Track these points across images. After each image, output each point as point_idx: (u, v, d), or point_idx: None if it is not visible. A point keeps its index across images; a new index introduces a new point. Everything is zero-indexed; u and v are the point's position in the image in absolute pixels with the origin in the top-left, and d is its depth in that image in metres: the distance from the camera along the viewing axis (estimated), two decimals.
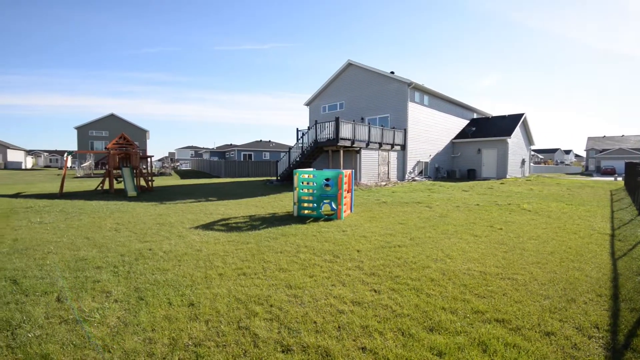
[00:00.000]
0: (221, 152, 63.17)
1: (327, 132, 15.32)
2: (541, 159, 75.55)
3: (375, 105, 21.14)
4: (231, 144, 64.00)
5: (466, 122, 26.84)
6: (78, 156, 39.83)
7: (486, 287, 3.75)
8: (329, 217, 7.80)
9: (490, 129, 24.89)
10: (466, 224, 7.35)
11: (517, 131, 24.64)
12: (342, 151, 15.54)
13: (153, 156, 18.43)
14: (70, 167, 36.70)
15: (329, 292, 3.61)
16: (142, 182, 16.59)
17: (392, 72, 20.29)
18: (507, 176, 22.97)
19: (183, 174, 32.63)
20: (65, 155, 15.04)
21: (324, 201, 7.93)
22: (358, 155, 16.20)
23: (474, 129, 25.21)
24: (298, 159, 16.70)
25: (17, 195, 12.87)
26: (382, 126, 17.91)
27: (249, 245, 5.48)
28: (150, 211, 9.05)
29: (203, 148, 76.53)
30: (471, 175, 23.49)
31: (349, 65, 22.53)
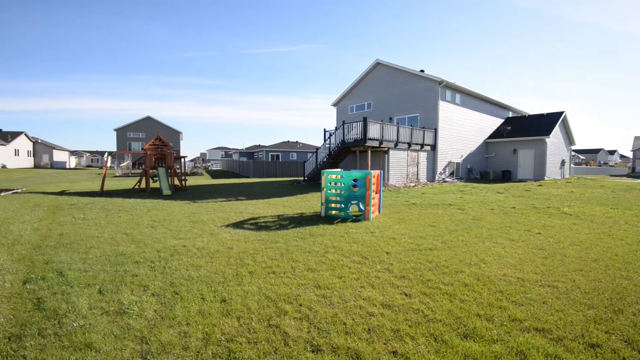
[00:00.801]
0: (250, 153, 64.62)
1: (354, 133, 15.24)
2: (582, 159, 70.97)
3: (404, 104, 20.77)
4: (259, 145, 65.29)
5: (501, 120, 25.73)
6: (117, 156, 42.12)
7: (524, 295, 3.57)
8: (356, 218, 7.75)
9: (527, 128, 23.71)
10: (501, 227, 7.03)
11: (557, 130, 23.30)
12: (369, 151, 15.39)
13: (186, 157, 19.17)
14: (110, 166, 38.93)
15: (358, 293, 3.58)
16: (176, 182, 17.28)
17: (422, 71, 19.85)
18: (545, 178, 21.77)
19: (214, 174, 33.69)
20: (106, 155, 15.97)
21: (352, 202, 7.89)
22: (386, 155, 15.98)
23: (509, 128, 24.12)
24: (325, 160, 16.74)
25: (62, 193, 13.83)
26: (411, 126, 17.55)
27: (277, 244, 5.55)
28: (184, 209, 9.40)
29: (232, 149, 78.62)
30: (506, 176, 22.48)
31: (377, 64, 22.29)
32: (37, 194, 13.16)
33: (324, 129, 17.66)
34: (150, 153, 15.28)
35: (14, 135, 47.84)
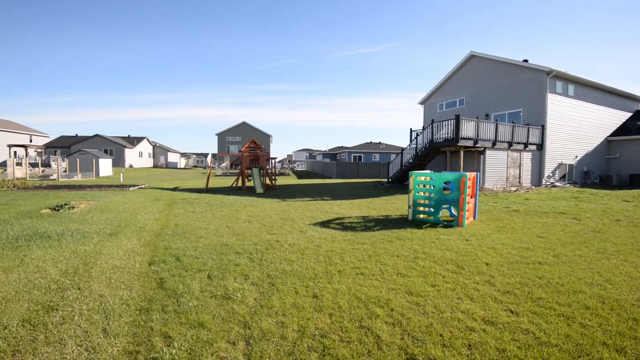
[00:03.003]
0: (333, 154, 66.09)
1: (445, 132, 14.28)
2: None
3: (504, 99, 18.66)
4: (342, 146, 66.30)
5: (629, 114, 21.18)
6: (218, 157, 47.41)
7: None
8: (448, 224, 7.23)
9: None
10: (632, 242, 5.77)
11: None
12: (462, 152, 14.24)
13: (276, 158, 20.55)
14: (212, 166, 44.11)
15: (454, 305, 3.32)
16: (268, 181, 18.63)
17: (525, 60, 17.58)
18: None
19: (299, 174, 35.38)
20: (210, 157, 18.09)
21: (443, 206, 7.39)
22: (482, 156, 14.58)
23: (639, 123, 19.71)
24: (411, 161, 16.08)
25: (175, 189, 16.13)
26: (512, 123, 15.66)
27: (364, 245, 5.51)
28: (275, 207, 10.06)
29: (316, 150, 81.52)
30: (635, 181, 18.39)
31: (471, 57, 20.52)
32: (156, 190, 15.61)
33: (410, 129, 16.98)
34: (246, 155, 16.79)
35: (139, 140, 58.05)
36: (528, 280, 3.98)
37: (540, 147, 16.68)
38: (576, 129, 18.33)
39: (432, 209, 7.51)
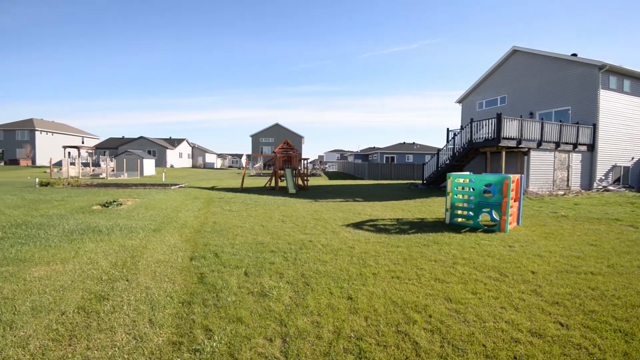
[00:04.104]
0: (364, 155, 65.50)
1: (485, 131, 13.65)
2: None
3: (550, 96, 17.52)
4: (374, 147, 65.51)
5: None
6: (251, 158, 48.67)
7: None
8: (488, 229, 6.89)
9: None
10: None
11: None
12: (504, 153, 13.54)
13: (308, 159, 20.71)
14: (247, 167, 45.35)
15: (498, 314, 3.15)
16: (300, 182, 18.83)
17: (574, 54, 16.39)
18: None
19: (330, 175, 35.42)
20: (244, 157, 18.60)
21: (483, 210, 7.06)
22: (526, 157, 13.78)
23: None
24: (448, 162, 15.55)
25: (212, 188, 16.74)
26: (560, 121, 14.66)
27: (399, 248, 5.39)
28: (307, 207, 10.14)
29: (348, 151, 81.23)
30: None
31: (514, 52, 19.48)
32: (195, 188, 16.29)
33: (447, 129, 16.45)
34: (280, 156, 17.09)
35: (179, 141, 61.11)
36: (579, 292, 3.70)
37: (592, 147, 15.48)
38: (633, 128, 16.81)
39: (471, 213, 7.20)
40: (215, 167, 68.89)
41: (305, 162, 20.92)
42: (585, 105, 15.82)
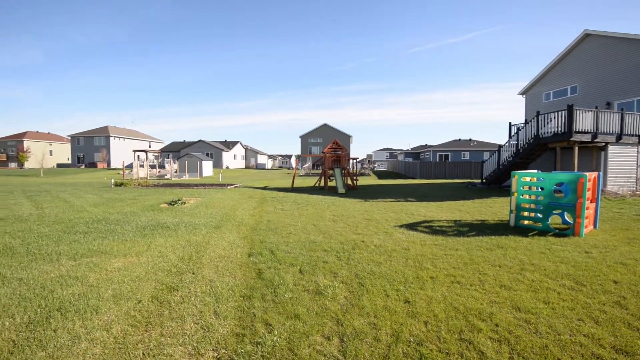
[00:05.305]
0: (416, 153, 63.38)
1: (553, 125, 12.40)
2: None
3: (631, 84, 15.39)
4: (426, 145, 63.08)
5: None
6: (301, 158, 49.67)
7: None
8: (560, 232, 6.25)
9: None
10: None
11: None
12: (576, 148, 12.18)
13: (357, 158, 20.57)
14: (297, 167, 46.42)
15: (575, 327, 2.84)
16: (349, 181, 18.79)
17: None
18: None
19: (379, 175, 34.82)
20: (294, 158, 19.04)
21: (554, 211, 6.41)
22: (602, 153, 12.28)
23: None
24: (510, 159, 14.41)
25: (265, 188, 17.36)
26: None
27: (458, 252, 5.11)
28: (358, 207, 10.06)
29: (398, 150, 79.17)
30: None
31: (586, 36, 17.46)
32: (249, 188, 17.03)
33: (509, 123, 15.22)
34: (329, 156, 17.20)
35: (233, 144, 64.52)
36: None
37: None
38: None
39: (540, 215, 6.58)
40: (266, 167, 71.52)
41: (354, 161, 20.79)
42: None
